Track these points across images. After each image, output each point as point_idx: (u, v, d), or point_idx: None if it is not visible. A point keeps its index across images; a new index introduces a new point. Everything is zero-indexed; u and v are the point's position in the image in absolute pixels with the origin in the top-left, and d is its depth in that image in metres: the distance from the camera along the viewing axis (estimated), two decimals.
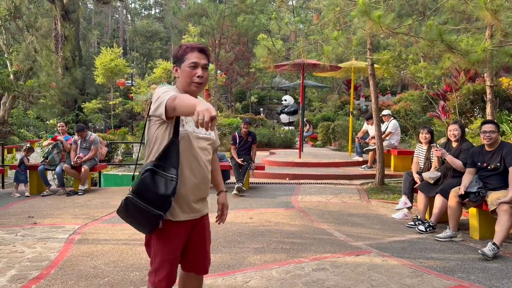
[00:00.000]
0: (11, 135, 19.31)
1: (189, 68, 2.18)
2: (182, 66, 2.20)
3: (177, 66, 2.24)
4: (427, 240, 4.93)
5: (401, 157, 9.87)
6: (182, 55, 2.22)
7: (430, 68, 8.39)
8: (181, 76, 2.20)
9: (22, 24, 20.79)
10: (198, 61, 2.19)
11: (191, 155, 2.16)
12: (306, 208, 6.55)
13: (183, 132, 2.13)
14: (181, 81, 2.21)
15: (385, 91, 24.39)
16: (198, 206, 2.26)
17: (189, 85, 2.19)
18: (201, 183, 2.22)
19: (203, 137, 2.25)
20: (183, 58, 2.21)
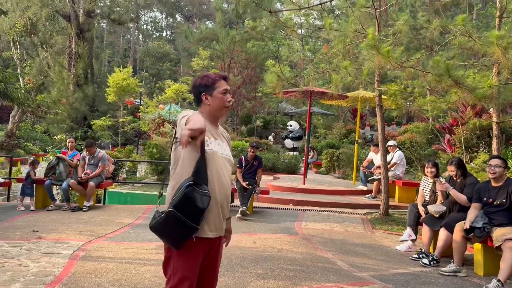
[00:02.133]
0: (18, 148, 19.47)
1: (222, 95, 2.42)
2: (214, 94, 2.42)
3: (207, 94, 2.43)
4: (431, 274, 4.91)
5: (405, 188, 9.87)
6: (212, 83, 2.43)
7: (437, 102, 8.49)
8: (213, 102, 2.42)
9: (37, 40, 21.26)
10: (227, 88, 2.47)
11: (216, 173, 2.30)
12: (309, 235, 6.55)
13: (209, 151, 2.30)
14: (212, 107, 2.43)
15: (390, 121, 24.52)
16: (222, 224, 2.38)
17: (221, 110, 2.45)
18: (224, 201, 2.37)
19: (225, 157, 2.41)
20: (213, 86, 2.43)
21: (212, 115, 2.46)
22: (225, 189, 2.37)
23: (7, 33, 19.96)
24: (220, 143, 2.42)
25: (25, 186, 7.98)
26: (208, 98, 2.42)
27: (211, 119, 2.47)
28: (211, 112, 2.44)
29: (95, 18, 18.58)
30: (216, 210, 2.29)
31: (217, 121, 2.53)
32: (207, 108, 2.43)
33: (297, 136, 22.20)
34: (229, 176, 2.44)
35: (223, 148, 2.43)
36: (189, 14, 56.89)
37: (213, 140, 2.38)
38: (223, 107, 2.44)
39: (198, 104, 2.49)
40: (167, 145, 14.13)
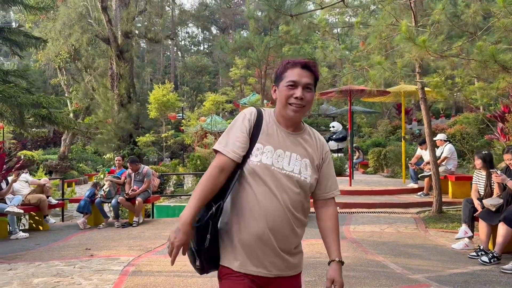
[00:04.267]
0: (71, 169, 20.39)
1: (286, 88, 1.83)
2: (280, 86, 1.87)
3: (276, 85, 1.92)
4: (492, 272, 4.60)
5: (459, 183, 9.39)
6: (281, 72, 1.89)
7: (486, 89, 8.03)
8: (278, 98, 1.88)
9: (81, 65, 22.30)
10: (299, 80, 1.83)
11: (263, 194, 1.78)
12: (358, 238, 6.35)
13: (253, 164, 1.80)
14: (277, 104, 1.90)
15: (438, 114, 23.60)
16: (275, 261, 1.83)
17: (285, 108, 1.84)
18: (272, 234, 1.79)
19: (286, 174, 1.82)
20: (282, 76, 1.88)
21: (280, 113, 1.88)
22: (278, 216, 1.78)
23: (53, 60, 21.08)
24: (287, 155, 1.83)
25: (85, 202, 8.21)
26: (276, 90, 1.91)
27: (281, 120, 1.89)
28: (279, 111, 1.89)
29: (132, 39, 19.23)
30: (258, 242, 1.77)
31: (290, 123, 1.88)
32: (277, 103, 1.90)
33: (341, 137, 21.79)
34: (292, 199, 1.81)
35: (288, 162, 1.82)
36: (224, 26, 57.71)
37: (270, 150, 1.81)
38: (286, 105, 1.83)
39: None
40: (210, 155, 14.30)
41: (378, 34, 7.33)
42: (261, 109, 1.91)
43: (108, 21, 17.34)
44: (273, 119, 1.89)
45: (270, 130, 1.86)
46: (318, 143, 1.94)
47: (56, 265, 5.26)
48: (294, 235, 1.86)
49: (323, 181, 1.94)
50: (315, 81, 1.89)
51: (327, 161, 1.95)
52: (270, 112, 1.91)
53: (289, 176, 1.81)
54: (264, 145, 1.82)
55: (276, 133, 1.86)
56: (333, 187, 1.97)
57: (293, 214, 1.82)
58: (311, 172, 1.87)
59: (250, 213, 1.77)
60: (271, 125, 1.87)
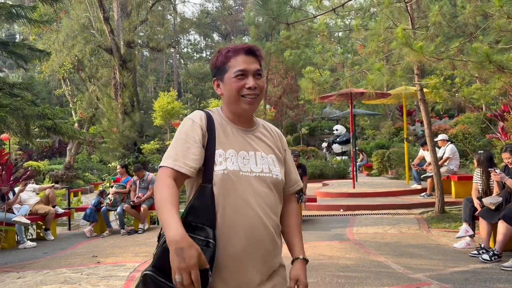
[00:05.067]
0: (77, 179, 20.53)
1: (236, 79, 1.57)
2: (225, 79, 1.60)
3: (218, 80, 1.64)
4: (493, 270, 4.65)
5: (462, 183, 9.42)
6: (223, 62, 1.61)
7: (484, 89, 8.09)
8: (226, 92, 1.61)
9: (84, 76, 22.52)
10: (247, 67, 1.58)
11: (235, 206, 1.50)
12: (361, 240, 6.41)
13: (219, 173, 1.51)
14: (226, 98, 1.62)
15: (441, 114, 23.59)
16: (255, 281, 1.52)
17: (238, 102, 1.59)
18: (255, 248, 1.52)
19: (258, 176, 1.57)
20: (224, 67, 1.60)
21: (231, 110, 1.63)
22: (257, 229, 1.51)
23: (57, 71, 21.30)
24: (252, 156, 1.58)
25: (91, 210, 8.31)
26: (220, 85, 1.63)
27: (233, 117, 1.64)
28: (229, 108, 1.63)
29: (135, 48, 19.41)
30: (235, 264, 1.47)
31: (244, 119, 1.65)
32: (223, 100, 1.65)
33: (344, 140, 21.82)
34: (269, 205, 1.56)
35: (255, 163, 1.58)
36: (226, 32, 58.02)
37: (233, 154, 1.55)
38: (239, 99, 1.57)
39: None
40: None
41: (376, 37, 7.41)
42: (208, 111, 1.64)
43: (111, 31, 17.53)
44: (224, 119, 1.63)
45: (226, 131, 1.59)
46: (276, 136, 1.74)
47: (63, 272, 5.36)
48: (274, 247, 1.60)
49: (287, 175, 1.73)
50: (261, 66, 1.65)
51: (288, 153, 1.76)
52: (218, 111, 1.65)
53: (261, 177, 1.57)
54: (226, 149, 1.55)
55: (232, 133, 1.60)
56: (296, 180, 1.77)
57: (272, 220, 1.57)
58: (279, 168, 1.66)
59: (223, 232, 1.46)
60: (224, 125, 1.61)
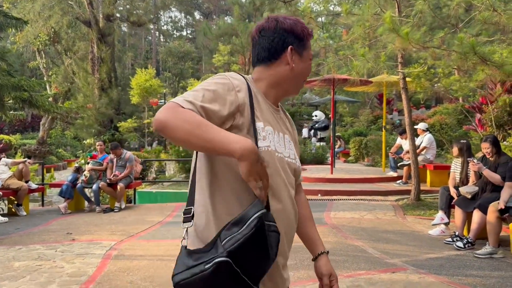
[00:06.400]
0: (50, 154, 20.06)
1: (310, 62, 1.49)
2: (304, 55, 1.45)
3: (296, 51, 1.43)
4: (466, 257, 4.78)
5: (437, 172, 9.63)
6: (304, 36, 1.46)
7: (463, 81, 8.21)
8: (299, 70, 1.44)
9: (60, 48, 21.81)
10: None
11: (278, 187, 1.37)
12: (339, 224, 6.48)
13: (264, 149, 1.33)
14: (293, 73, 1.44)
15: (419, 104, 23.96)
16: (286, 273, 1.49)
17: (297, 86, 1.49)
18: (288, 233, 1.45)
19: (287, 161, 1.44)
20: (305, 43, 1.46)
21: (282, 87, 1.45)
22: (291, 214, 1.42)
23: (32, 43, 20.55)
24: (281, 138, 1.43)
25: (67, 187, 8.13)
26: (294, 57, 1.42)
27: (275, 94, 1.46)
28: (286, 81, 1.44)
29: (114, 22, 18.88)
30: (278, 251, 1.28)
31: (279, 100, 1.50)
32: (282, 72, 1.42)
33: (323, 126, 21.95)
34: (293, 192, 1.45)
35: (285, 146, 1.44)
36: (208, 11, 57.07)
37: (270, 131, 1.38)
38: (302, 81, 1.49)
39: (265, 60, 1.43)
40: None
41: (362, 23, 7.39)
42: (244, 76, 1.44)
43: (89, 3, 16.98)
44: (257, 91, 1.42)
45: (260, 105, 1.40)
46: (291, 121, 1.63)
47: (37, 249, 5.23)
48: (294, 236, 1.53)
49: None
50: None
51: (296, 137, 1.62)
52: (250, 80, 1.44)
53: (290, 164, 1.45)
54: (265, 125, 1.37)
55: (266, 109, 1.43)
56: (301, 170, 1.60)
57: (296, 208, 1.47)
58: (297, 157, 1.55)
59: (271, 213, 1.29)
60: (258, 98, 1.41)
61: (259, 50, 1.44)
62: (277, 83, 1.44)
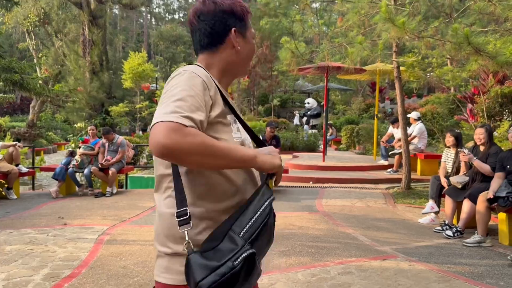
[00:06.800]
0: (40, 138, 19.86)
1: (253, 40, 1.45)
2: (247, 36, 1.42)
3: (240, 32, 1.39)
4: (455, 245, 4.86)
5: (427, 161, 9.72)
6: (244, 15, 1.41)
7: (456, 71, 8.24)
8: (245, 51, 1.41)
9: (51, 30, 21.43)
10: None
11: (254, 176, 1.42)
12: (330, 212, 6.54)
13: (238, 140, 1.36)
14: (240, 57, 1.40)
15: (411, 93, 24.06)
16: None
17: (245, 67, 1.46)
18: None
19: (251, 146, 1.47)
20: (246, 22, 1.41)
21: (231, 71, 1.42)
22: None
23: (22, 24, 20.18)
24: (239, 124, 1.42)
25: (61, 169, 8.07)
26: (239, 38, 1.38)
27: (226, 80, 1.43)
28: (234, 65, 1.41)
29: (106, 4, 18.57)
30: None
31: (228, 85, 1.47)
32: (229, 57, 1.39)
33: (315, 113, 22.01)
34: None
35: (245, 132, 1.44)
36: None
37: (233, 120, 1.38)
38: (249, 62, 1.46)
39: (209, 47, 1.38)
40: None
41: (357, 10, 7.35)
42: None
43: None
44: (217, 81, 1.36)
45: (224, 95, 1.35)
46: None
47: (28, 233, 5.21)
48: None
49: None
50: None
51: None
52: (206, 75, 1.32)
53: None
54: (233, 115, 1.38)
55: (226, 97, 1.37)
56: None
57: None
58: None
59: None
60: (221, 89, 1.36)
61: (200, 36, 1.38)
62: (227, 68, 1.39)
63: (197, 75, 1.26)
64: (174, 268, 1.23)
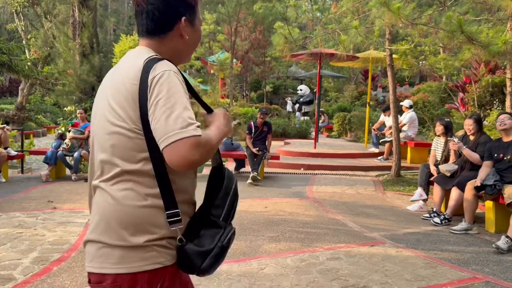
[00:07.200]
0: (29, 121, 19.61)
1: (200, 26, 1.44)
2: (196, 23, 1.40)
3: (188, 20, 1.36)
4: (442, 233, 4.92)
5: (418, 149, 9.79)
6: (196, 1, 1.40)
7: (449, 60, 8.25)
8: (193, 40, 1.40)
9: (40, 11, 20.98)
10: None
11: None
12: (320, 198, 6.58)
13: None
14: (186, 48, 1.41)
15: (403, 81, 24.10)
16: None
17: (189, 55, 1.47)
18: None
19: None
20: (195, 9, 1.39)
21: (177, 59, 1.40)
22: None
23: (10, 4, 19.75)
24: None
25: (52, 153, 8.00)
26: (188, 27, 1.37)
27: None
28: (181, 53, 1.41)
29: None
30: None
31: None
32: (177, 45, 1.38)
33: (308, 100, 21.97)
34: None
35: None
36: None
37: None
38: (195, 48, 1.47)
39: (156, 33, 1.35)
40: None
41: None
42: None
43: None
44: None
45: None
46: None
47: (17, 216, 5.18)
48: None
49: None
50: None
51: None
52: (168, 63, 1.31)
53: None
54: None
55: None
56: None
57: None
58: None
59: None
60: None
61: (147, 21, 1.34)
62: (173, 56, 1.38)
63: (176, 73, 1.26)
64: (130, 258, 1.24)
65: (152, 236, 1.24)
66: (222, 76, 22.33)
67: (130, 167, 1.26)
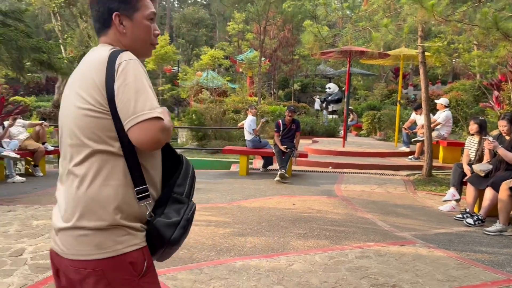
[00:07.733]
0: None
1: (149, 23, 1.47)
2: (135, 17, 1.44)
3: (123, 15, 1.42)
4: (475, 234, 4.82)
5: (450, 149, 9.57)
6: None
7: (484, 57, 8.02)
8: (134, 34, 1.44)
9: (76, 11, 21.63)
10: (156, 12, 1.52)
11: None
12: (349, 197, 6.54)
13: None
14: (131, 43, 1.45)
15: (435, 80, 23.55)
16: None
17: (145, 50, 1.50)
18: None
19: None
20: (136, 3, 1.44)
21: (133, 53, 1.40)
22: None
23: (47, 5, 20.43)
24: None
25: None
26: (124, 22, 1.43)
27: None
28: (129, 47, 1.44)
29: None
30: None
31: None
32: (120, 39, 1.44)
33: (336, 98, 21.75)
34: None
35: None
36: None
37: None
38: (147, 44, 1.49)
39: (102, 31, 1.45)
40: (205, 111, 14.29)
41: None
42: None
43: None
44: None
45: None
46: None
47: (49, 209, 5.37)
48: None
49: None
50: None
51: None
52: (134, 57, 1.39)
53: None
54: None
55: None
56: None
57: None
58: None
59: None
60: None
61: (94, 22, 1.48)
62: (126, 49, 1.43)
63: (140, 63, 1.36)
64: (108, 242, 1.31)
65: (123, 214, 1.32)
66: (250, 74, 22.43)
67: (99, 147, 1.32)
